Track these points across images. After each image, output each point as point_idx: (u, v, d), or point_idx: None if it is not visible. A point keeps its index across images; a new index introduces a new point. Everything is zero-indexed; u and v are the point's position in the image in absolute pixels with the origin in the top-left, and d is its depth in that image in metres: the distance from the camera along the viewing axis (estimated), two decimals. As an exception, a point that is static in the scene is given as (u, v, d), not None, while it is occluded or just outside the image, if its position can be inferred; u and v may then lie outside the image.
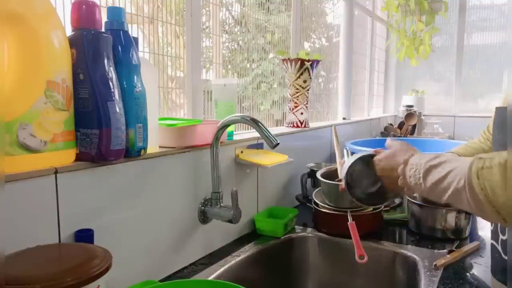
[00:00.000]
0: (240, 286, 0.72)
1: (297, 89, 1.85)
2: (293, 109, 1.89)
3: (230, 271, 1.17)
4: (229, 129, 1.31)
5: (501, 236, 0.98)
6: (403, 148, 1.02)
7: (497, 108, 0.99)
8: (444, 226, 1.37)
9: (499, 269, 1.01)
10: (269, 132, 1.06)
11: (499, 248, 0.98)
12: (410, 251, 1.27)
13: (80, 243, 0.80)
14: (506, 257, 0.96)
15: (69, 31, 0.85)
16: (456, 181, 0.75)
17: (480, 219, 1.53)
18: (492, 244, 1.02)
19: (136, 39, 0.98)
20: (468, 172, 0.72)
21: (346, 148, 1.56)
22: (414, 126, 3.35)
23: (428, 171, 0.85)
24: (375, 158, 1.10)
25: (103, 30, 0.89)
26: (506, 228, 0.95)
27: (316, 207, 1.48)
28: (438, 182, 0.81)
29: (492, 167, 0.68)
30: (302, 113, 1.88)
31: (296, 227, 1.48)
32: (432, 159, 0.86)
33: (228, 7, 1.82)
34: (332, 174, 1.55)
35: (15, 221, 0.74)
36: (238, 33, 1.88)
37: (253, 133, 1.52)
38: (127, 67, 0.91)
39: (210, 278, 1.09)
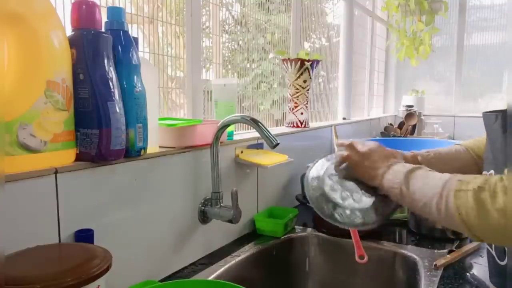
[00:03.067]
0: (240, 286, 0.72)
1: (297, 89, 1.85)
2: (293, 109, 1.89)
3: (230, 271, 1.17)
4: (229, 129, 1.31)
5: None
6: (385, 153, 0.98)
7: (483, 114, 0.99)
8: (444, 226, 1.37)
9: (494, 273, 1.01)
10: (269, 132, 1.06)
11: (493, 252, 0.98)
12: (410, 251, 1.27)
13: (80, 243, 0.80)
14: (500, 262, 0.96)
15: (69, 31, 0.85)
16: (431, 195, 0.79)
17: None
18: (487, 249, 1.02)
19: (136, 39, 0.98)
20: (447, 191, 0.76)
21: None
22: (414, 126, 3.35)
23: (407, 180, 0.86)
24: (351, 160, 0.99)
25: (103, 30, 0.89)
26: None
27: (316, 207, 1.48)
28: (413, 192, 0.84)
29: (467, 191, 0.73)
30: (302, 113, 1.88)
31: (296, 227, 1.48)
32: (414, 169, 0.88)
33: (228, 7, 1.82)
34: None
35: (15, 221, 0.74)
36: (238, 33, 1.88)
37: (253, 133, 1.52)
38: (127, 67, 0.91)
39: (210, 278, 1.09)
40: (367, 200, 0.96)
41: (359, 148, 1.00)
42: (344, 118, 2.81)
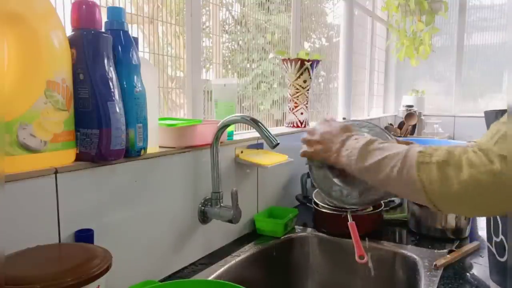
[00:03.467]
0: (240, 286, 0.72)
1: (297, 89, 1.85)
2: (293, 109, 1.89)
3: (230, 271, 1.17)
4: (229, 129, 1.31)
5: (494, 238, 0.98)
6: (336, 129, 0.99)
7: (485, 112, 1.00)
8: (444, 226, 1.37)
9: (495, 271, 1.01)
10: (269, 132, 1.06)
11: (494, 250, 0.98)
12: (410, 251, 1.27)
13: (80, 243, 0.80)
14: (500, 259, 0.96)
15: (69, 31, 0.85)
16: (390, 167, 0.80)
17: (479, 218, 1.53)
18: (488, 247, 1.02)
19: (136, 39, 0.98)
20: (409, 163, 0.77)
21: None
22: (414, 126, 3.35)
23: (362, 155, 0.87)
24: (308, 154, 1.06)
25: (103, 30, 0.89)
26: (500, 230, 0.95)
27: (316, 207, 1.48)
28: (371, 166, 0.85)
29: (430, 163, 0.74)
30: (302, 113, 1.88)
31: (296, 227, 1.48)
32: (368, 143, 0.89)
33: (228, 7, 1.82)
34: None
35: (15, 221, 0.74)
36: (238, 33, 1.88)
37: (253, 133, 1.52)
38: (127, 67, 0.91)
39: (210, 278, 1.09)
40: (361, 182, 1.00)
41: (311, 138, 1.03)
42: (344, 118, 2.81)
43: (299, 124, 1.89)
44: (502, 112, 0.87)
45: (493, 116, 0.91)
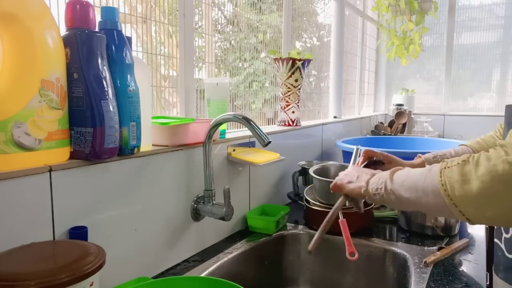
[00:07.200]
0: (233, 282, 0.73)
1: (288, 88, 1.87)
2: (284, 107, 1.90)
3: (223, 268, 1.18)
4: (222, 127, 1.32)
5: (504, 235, 0.97)
6: (364, 169, 1.06)
7: (506, 106, 1.00)
8: (434, 223, 1.39)
9: (502, 267, 1.01)
10: (261, 131, 1.07)
11: (503, 246, 0.98)
12: (400, 248, 1.29)
13: (74, 240, 0.81)
14: (509, 255, 0.96)
15: (63, 31, 0.85)
16: (415, 181, 0.81)
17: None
18: (495, 243, 1.02)
19: (129, 39, 0.98)
20: (433, 172, 0.78)
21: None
22: (404, 125, 3.38)
23: (391, 178, 0.89)
24: (338, 180, 1.11)
25: (97, 29, 0.89)
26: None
27: (307, 204, 1.49)
28: (400, 184, 0.86)
29: (452, 166, 0.74)
30: (293, 112, 1.90)
31: (288, 224, 1.50)
32: (394, 170, 0.91)
33: (220, 7, 1.83)
34: (323, 171, 1.57)
35: (10, 218, 0.74)
36: (230, 32, 1.89)
37: (245, 132, 1.53)
38: (120, 66, 0.92)
39: (203, 275, 1.10)
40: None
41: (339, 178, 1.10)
42: (335, 117, 2.82)
43: (291, 123, 1.90)
44: None
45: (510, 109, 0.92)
